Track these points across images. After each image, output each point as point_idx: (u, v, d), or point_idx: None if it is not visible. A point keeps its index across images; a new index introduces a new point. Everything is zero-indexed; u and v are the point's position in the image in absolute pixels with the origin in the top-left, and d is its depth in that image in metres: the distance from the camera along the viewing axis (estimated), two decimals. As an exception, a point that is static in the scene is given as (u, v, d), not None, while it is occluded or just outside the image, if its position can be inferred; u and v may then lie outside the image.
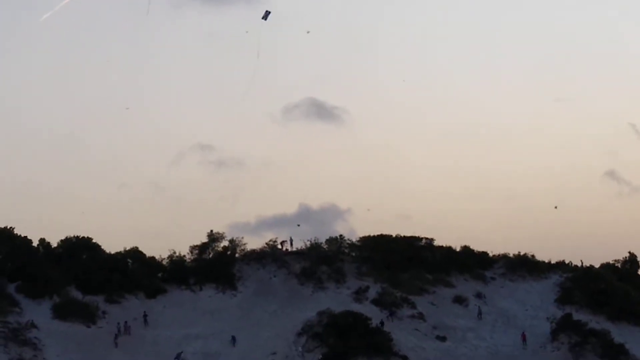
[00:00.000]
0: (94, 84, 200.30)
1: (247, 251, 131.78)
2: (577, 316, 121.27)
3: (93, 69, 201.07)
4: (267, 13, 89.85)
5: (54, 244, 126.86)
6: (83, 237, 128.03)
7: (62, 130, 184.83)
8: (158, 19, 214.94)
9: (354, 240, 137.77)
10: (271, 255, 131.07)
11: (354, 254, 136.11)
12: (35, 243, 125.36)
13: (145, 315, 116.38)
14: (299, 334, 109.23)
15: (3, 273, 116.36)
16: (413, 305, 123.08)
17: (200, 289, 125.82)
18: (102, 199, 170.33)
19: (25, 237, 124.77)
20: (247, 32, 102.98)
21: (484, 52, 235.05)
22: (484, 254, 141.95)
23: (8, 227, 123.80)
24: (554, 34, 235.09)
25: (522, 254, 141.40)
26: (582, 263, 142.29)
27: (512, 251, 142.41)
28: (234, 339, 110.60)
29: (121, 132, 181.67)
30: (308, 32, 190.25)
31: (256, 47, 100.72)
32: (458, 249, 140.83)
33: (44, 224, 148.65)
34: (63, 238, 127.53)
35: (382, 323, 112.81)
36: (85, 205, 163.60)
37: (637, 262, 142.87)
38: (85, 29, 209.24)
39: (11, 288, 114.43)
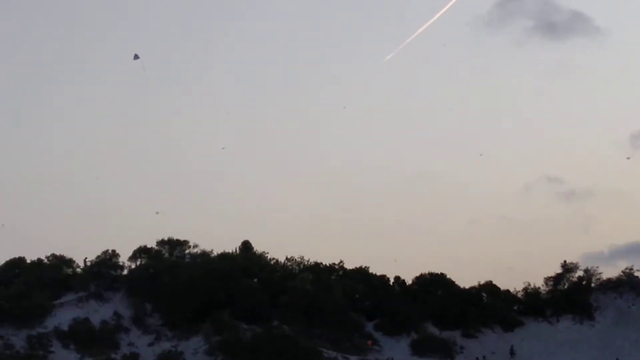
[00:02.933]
0: (441, 122, 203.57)
1: (603, 280, 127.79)
2: None
3: (438, 108, 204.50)
4: None
5: (409, 281, 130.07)
6: (437, 273, 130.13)
7: (413, 168, 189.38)
8: (500, 56, 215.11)
9: None
10: (628, 284, 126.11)
11: None
12: (391, 281, 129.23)
13: (512, 349, 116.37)
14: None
15: (361, 311, 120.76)
16: None
17: (557, 320, 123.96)
18: (454, 234, 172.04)
19: (383, 275, 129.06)
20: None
21: None
22: None
23: (364, 267, 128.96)
24: None
25: None
26: None
27: None
28: None
29: (470, 168, 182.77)
30: None
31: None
32: None
33: (398, 261, 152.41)
34: (418, 275, 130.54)
35: None
36: (438, 241, 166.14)
37: None
38: (429, 67, 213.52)
39: (370, 326, 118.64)
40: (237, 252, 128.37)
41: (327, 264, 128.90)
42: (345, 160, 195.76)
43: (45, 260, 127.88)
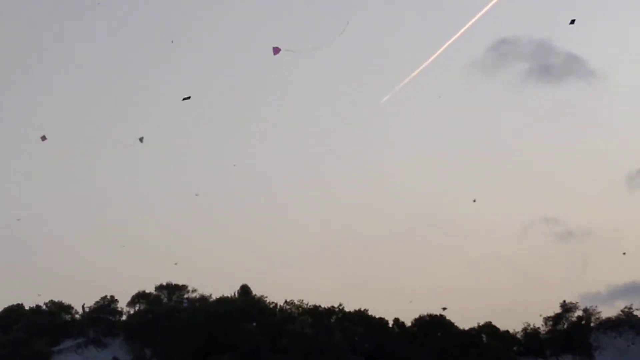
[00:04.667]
0: (438, 164, 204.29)
1: (602, 320, 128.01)
2: None
3: (435, 149, 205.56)
4: None
5: (408, 323, 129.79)
6: (436, 315, 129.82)
7: (411, 210, 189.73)
8: (496, 98, 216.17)
9: None
10: (627, 323, 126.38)
11: None
12: (390, 323, 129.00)
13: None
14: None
15: (361, 353, 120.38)
16: None
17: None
18: (452, 276, 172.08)
19: (381, 318, 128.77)
20: None
21: None
22: None
23: (363, 309, 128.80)
24: None
25: None
26: None
27: None
28: None
29: (468, 210, 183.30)
30: None
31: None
32: None
33: (397, 302, 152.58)
34: (417, 316, 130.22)
35: None
36: (437, 282, 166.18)
37: None
38: (425, 110, 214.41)
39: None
40: (236, 296, 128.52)
41: (326, 307, 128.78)
42: (342, 202, 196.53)
43: (44, 307, 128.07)
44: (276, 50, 77.51)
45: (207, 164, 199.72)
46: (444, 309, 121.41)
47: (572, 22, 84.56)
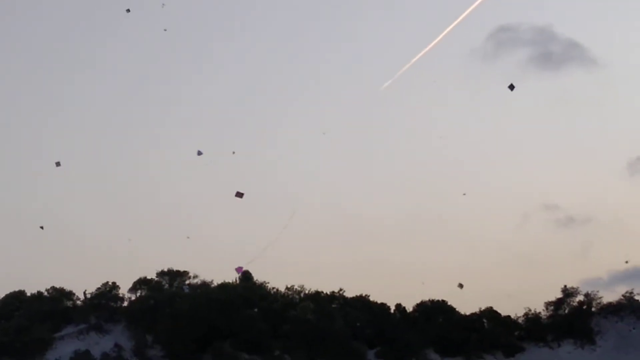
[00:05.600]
0: (441, 149, 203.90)
1: (604, 304, 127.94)
2: None
3: (435, 138, 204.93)
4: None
5: (410, 309, 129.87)
6: (438, 300, 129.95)
7: (412, 199, 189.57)
8: (496, 84, 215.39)
9: None
10: (629, 307, 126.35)
11: None
12: (391, 308, 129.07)
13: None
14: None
15: (362, 339, 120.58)
16: None
17: (559, 345, 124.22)
18: (454, 261, 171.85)
19: (382, 303, 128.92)
20: None
21: None
22: None
23: (364, 295, 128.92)
24: None
25: None
26: None
27: None
28: None
29: (467, 199, 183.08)
30: None
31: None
32: None
33: (398, 290, 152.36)
34: (418, 302, 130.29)
35: None
36: (438, 270, 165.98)
37: None
38: (423, 97, 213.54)
39: (371, 354, 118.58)
40: (237, 282, 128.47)
41: (328, 293, 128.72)
42: (343, 187, 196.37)
43: (45, 293, 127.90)
44: (239, 270, 79.07)
45: (208, 151, 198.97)
46: (461, 285, 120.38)
47: (511, 87, 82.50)
